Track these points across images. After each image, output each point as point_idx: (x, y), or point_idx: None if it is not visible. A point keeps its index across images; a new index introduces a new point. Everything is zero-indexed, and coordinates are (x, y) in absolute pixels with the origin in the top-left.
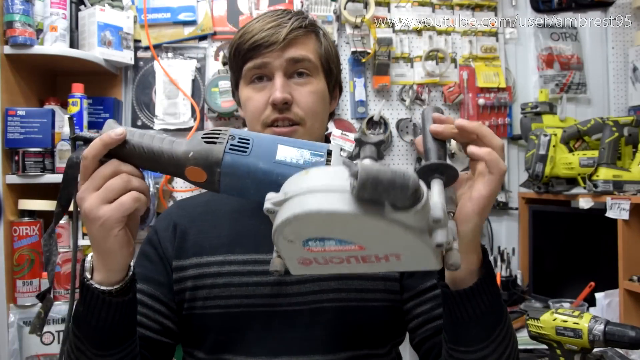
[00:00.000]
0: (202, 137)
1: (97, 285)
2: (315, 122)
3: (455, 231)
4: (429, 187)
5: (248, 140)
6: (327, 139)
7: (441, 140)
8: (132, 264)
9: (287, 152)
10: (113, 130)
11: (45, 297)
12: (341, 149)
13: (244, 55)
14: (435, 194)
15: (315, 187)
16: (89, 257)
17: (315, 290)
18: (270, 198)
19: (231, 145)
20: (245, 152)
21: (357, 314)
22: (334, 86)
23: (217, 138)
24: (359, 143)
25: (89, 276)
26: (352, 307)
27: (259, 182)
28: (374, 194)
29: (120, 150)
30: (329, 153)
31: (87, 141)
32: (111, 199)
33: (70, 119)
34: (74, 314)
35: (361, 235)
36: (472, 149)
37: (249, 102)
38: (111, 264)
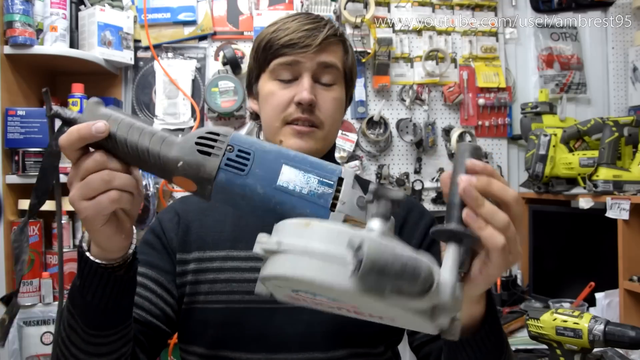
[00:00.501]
0: (197, 143)
1: (93, 258)
2: (332, 128)
3: (461, 300)
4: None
5: (249, 154)
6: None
7: None
8: (133, 242)
9: (291, 176)
10: (95, 125)
11: (10, 301)
12: (355, 176)
13: (276, 51)
14: (447, 266)
15: (314, 250)
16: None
17: None
18: (262, 242)
19: (228, 159)
20: (244, 170)
21: None
22: (347, 97)
23: (212, 147)
24: (376, 196)
25: (85, 247)
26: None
27: (255, 206)
28: (378, 283)
29: (104, 142)
30: (340, 182)
31: (67, 122)
32: (90, 196)
33: (46, 92)
34: (70, 289)
35: (356, 301)
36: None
37: (272, 97)
38: (104, 247)
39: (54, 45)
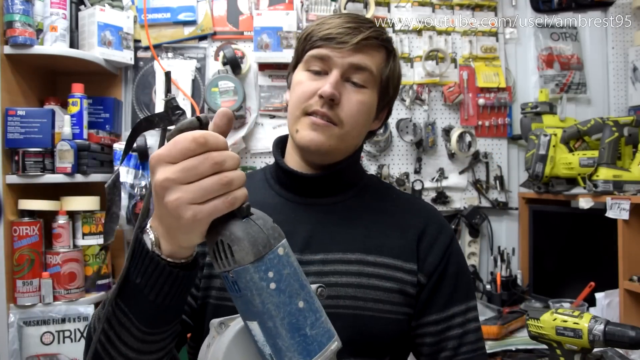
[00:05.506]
0: (213, 248)
1: (164, 257)
2: (353, 131)
3: None
4: None
5: (240, 290)
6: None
7: None
8: None
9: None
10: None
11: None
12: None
13: (314, 42)
14: None
15: None
16: (148, 226)
17: (332, 295)
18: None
19: (225, 277)
20: (238, 292)
21: (370, 324)
22: (384, 107)
23: (220, 259)
24: None
25: (149, 246)
26: (368, 316)
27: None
28: None
29: None
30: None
31: (182, 114)
32: (203, 200)
33: (168, 73)
34: (121, 287)
35: None
36: None
37: (299, 85)
38: (183, 242)
39: (54, 45)
